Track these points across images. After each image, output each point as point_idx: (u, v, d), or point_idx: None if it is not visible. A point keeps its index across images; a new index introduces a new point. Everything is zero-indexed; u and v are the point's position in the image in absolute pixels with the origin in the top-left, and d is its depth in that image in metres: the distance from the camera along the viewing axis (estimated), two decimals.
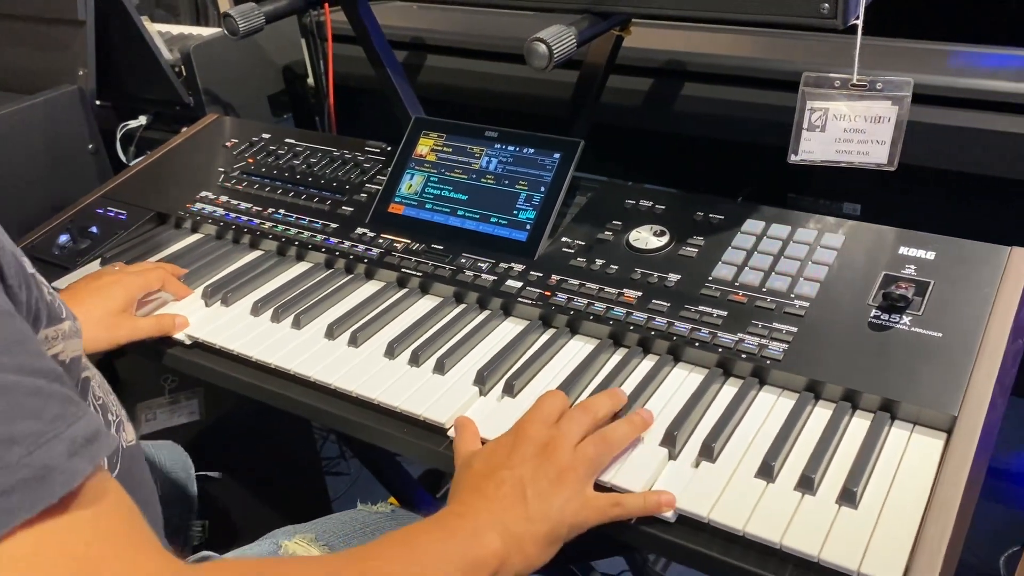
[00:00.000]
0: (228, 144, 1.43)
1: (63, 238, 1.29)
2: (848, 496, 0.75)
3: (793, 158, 1.06)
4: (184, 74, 1.69)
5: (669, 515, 0.77)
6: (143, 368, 1.68)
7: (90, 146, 1.60)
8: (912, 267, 0.94)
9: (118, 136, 1.72)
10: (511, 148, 1.14)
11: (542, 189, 1.10)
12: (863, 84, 1.00)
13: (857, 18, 0.95)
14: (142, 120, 1.75)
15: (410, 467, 1.79)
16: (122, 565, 0.52)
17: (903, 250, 0.97)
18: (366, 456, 1.78)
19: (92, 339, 1.02)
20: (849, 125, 1.03)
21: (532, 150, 1.13)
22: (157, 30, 1.78)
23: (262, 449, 1.71)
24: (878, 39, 1.42)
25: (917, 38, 1.43)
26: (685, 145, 1.47)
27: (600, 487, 0.80)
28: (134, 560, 0.53)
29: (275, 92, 1.87)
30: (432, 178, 1.18)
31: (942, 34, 1.45)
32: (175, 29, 1.93)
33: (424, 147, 1.20)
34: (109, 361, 1.68)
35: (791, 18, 0.93)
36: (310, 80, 1.81)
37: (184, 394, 1.63)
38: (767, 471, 0.78)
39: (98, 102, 1.67)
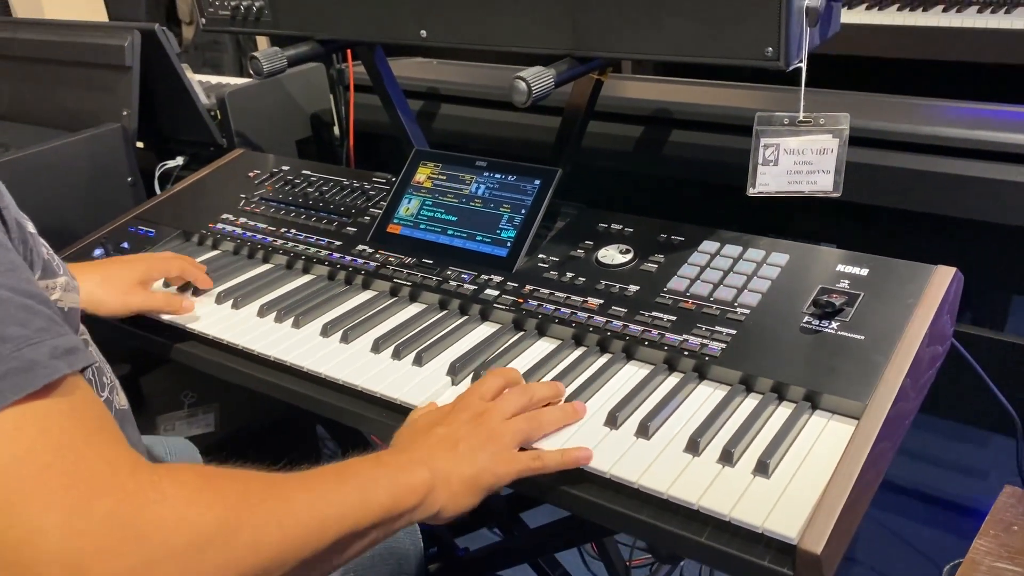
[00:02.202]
0: (251, 175, 1.57)
1: (97, 252, 1.43)
2: (762, 467, 0.84)
3: (751, 191, 1.16)
4: (219, 117, 1.84)
5: (602, 470, 0.85)
6: (165, 385, 1.81)
7: (129, 179, 1.75)
8: (846, 281, 1.04)
9: (156, 175, 1.88)
10: (497, 175, 1.27)
11: (523, 211, 1.22)
12: (808, 120, 1.11)
13: (800, 62, 1.07)
14: (179, 160, 1.90)
15: None
16: (89, 448, 0.61)
17: (840, 267, 1.06)
18: None
19: (108, 300, 1.15)
20: (799, 158, 1.14)
21: (515, 177, 1.25)
22: (197, 79, 1.95)
23: (271, 461, 1.81)
24: (862, 94, 1.55)
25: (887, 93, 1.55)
26: (672, 188, 1.58)
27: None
28: (99, 445, 0.62)
29: (303, 138, 2.02)
30: (427, 202, 1.30)
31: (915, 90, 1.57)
32: (213, 79, 2.10)
33: (422, 175, 1.33)
34: (134, 378, 1.82)
35: (739, 60, 1.05)
36: (336, 128, 1.97)
37: (201, 408, 1.75)
38: (693, 446, 0.87)
39: (140, 144, 1.83)
